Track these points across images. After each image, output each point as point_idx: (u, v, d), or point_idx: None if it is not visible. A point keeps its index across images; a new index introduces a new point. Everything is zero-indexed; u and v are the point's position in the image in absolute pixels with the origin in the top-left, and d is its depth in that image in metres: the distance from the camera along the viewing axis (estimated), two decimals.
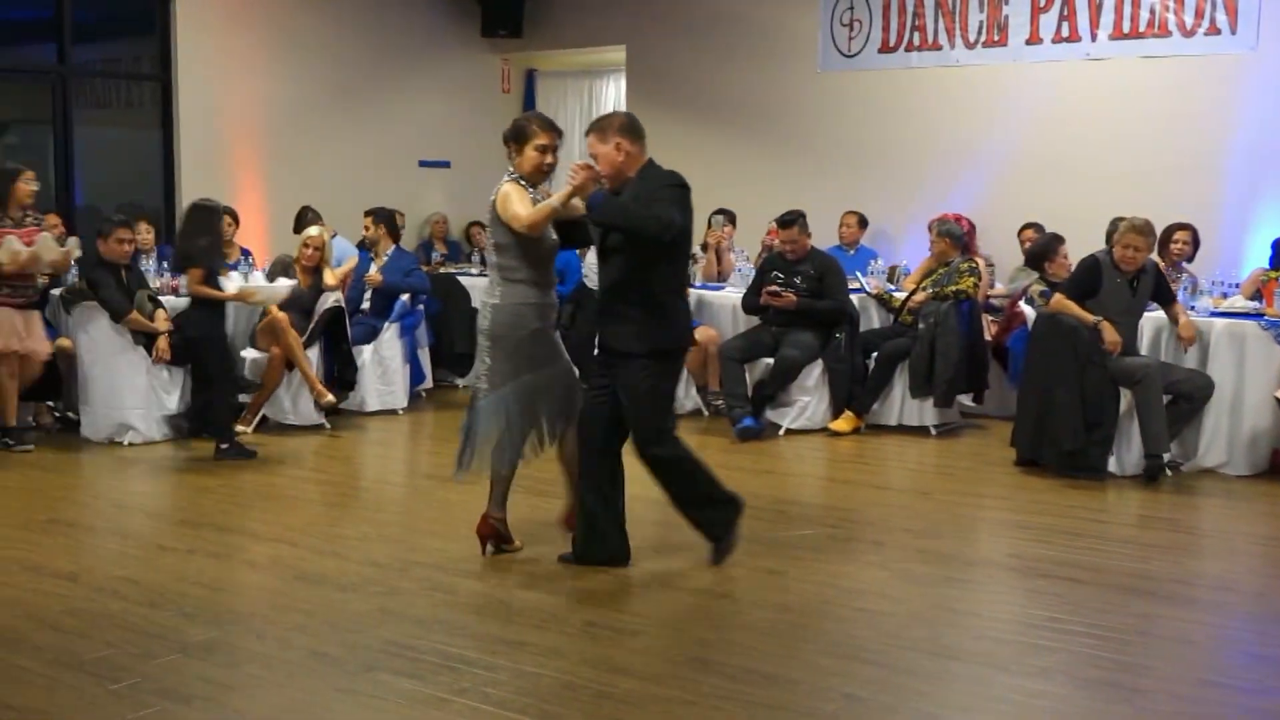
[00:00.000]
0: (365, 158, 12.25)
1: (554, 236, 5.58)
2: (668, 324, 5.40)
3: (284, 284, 8.55)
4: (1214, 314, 7.73)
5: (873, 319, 9.17)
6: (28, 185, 7.92)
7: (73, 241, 8.22)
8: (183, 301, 8.57)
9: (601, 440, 5.48)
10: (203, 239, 7.81)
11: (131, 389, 8.15)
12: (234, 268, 9.70)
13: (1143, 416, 7.22)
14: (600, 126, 5.45)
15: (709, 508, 5.58)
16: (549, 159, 5.56)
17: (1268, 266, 8.43)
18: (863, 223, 10.82)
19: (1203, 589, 5.48)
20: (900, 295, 9.08)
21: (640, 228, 5.19)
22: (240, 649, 4.59)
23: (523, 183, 5.50)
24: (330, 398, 8.55)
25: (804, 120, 11.74)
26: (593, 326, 6.69)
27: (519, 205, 5.36)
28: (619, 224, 5.27)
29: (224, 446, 7.72)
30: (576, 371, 5.75)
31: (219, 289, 7.86)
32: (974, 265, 8.88)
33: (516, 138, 5.58)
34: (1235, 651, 4.82)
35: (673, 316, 5.43)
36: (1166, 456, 7.22)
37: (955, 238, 8.89)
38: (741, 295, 9.07)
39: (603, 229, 5.38)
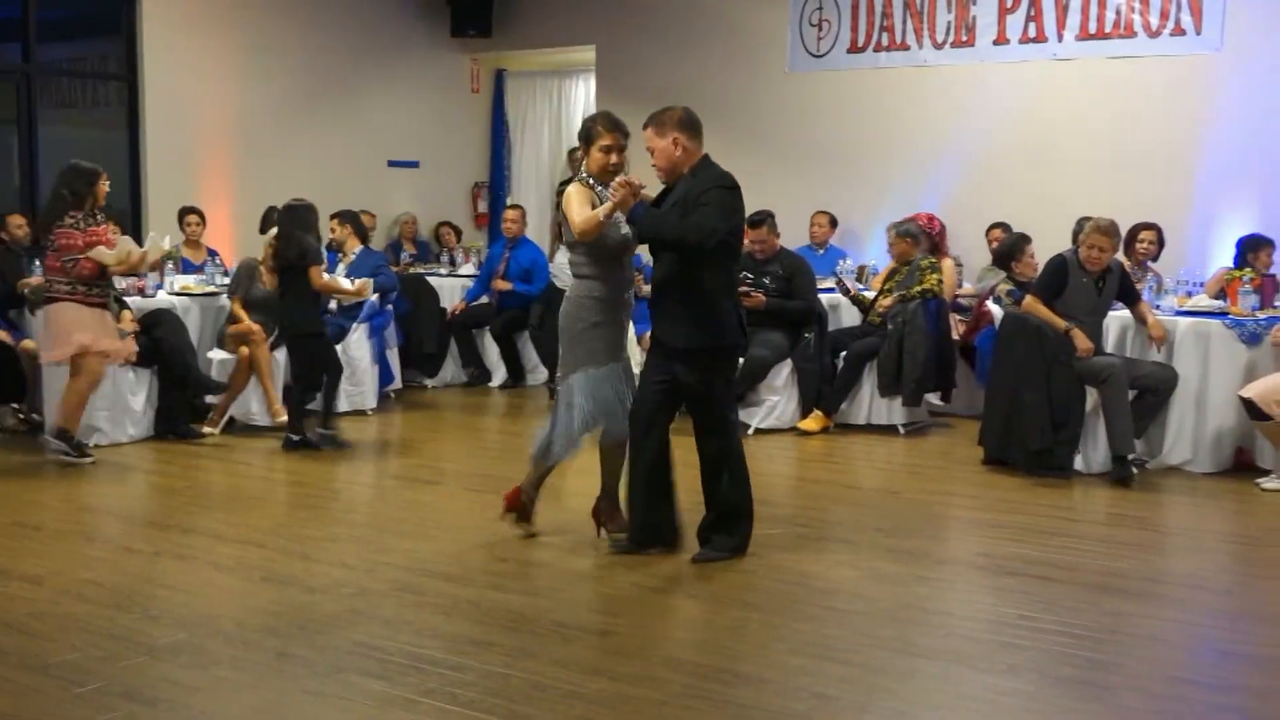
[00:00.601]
0: (334, 158, 12.18)
1: (622, 233, 5.58)
2: (717, 323, 5.47)
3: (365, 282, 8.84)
4: (1179, 313, 7.79)
5: (842, 319, 9.19)
6: (105, 186, 7.88)
7: (165, 240, 8.20)
8: (150, 303, 8.53)
9: (648, 425, 5.61)
10: (312, 235, 8.09)
11: (97, 390, 8.06)
12: (200, 268, 9.68)
13: (1109, 415, 7.27)
14: (659, 120, 5.49)
15: (742, 520, 5.70)
16: (614, 159, 5.61)
17: (1232, 265, 8.50)
18: (833, 222, 10.84)
19: (1171, 586, 5.51)
20: (871, 295, 9.10)
21: (680, 238, 5.29)
22: (207, 651, 4.55)
23: (591, 181, 5.54)
24: (284, 417, 8.51)
25: (772, 120, 11.75)
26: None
27: (576, 208, 5.44)
28: (660, 237, 5.33)
29: (296, 439, 8.07)
30: (635, 369, 5.86)
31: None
32: (934, 262, 8.91)
33: (585, 138, 5.67)
34: (1204, 648, 4.84)
35: (721, 316, 5.48)
36: (1132, 455, 7.26)
37: (913, 236, 8.89)
38: None
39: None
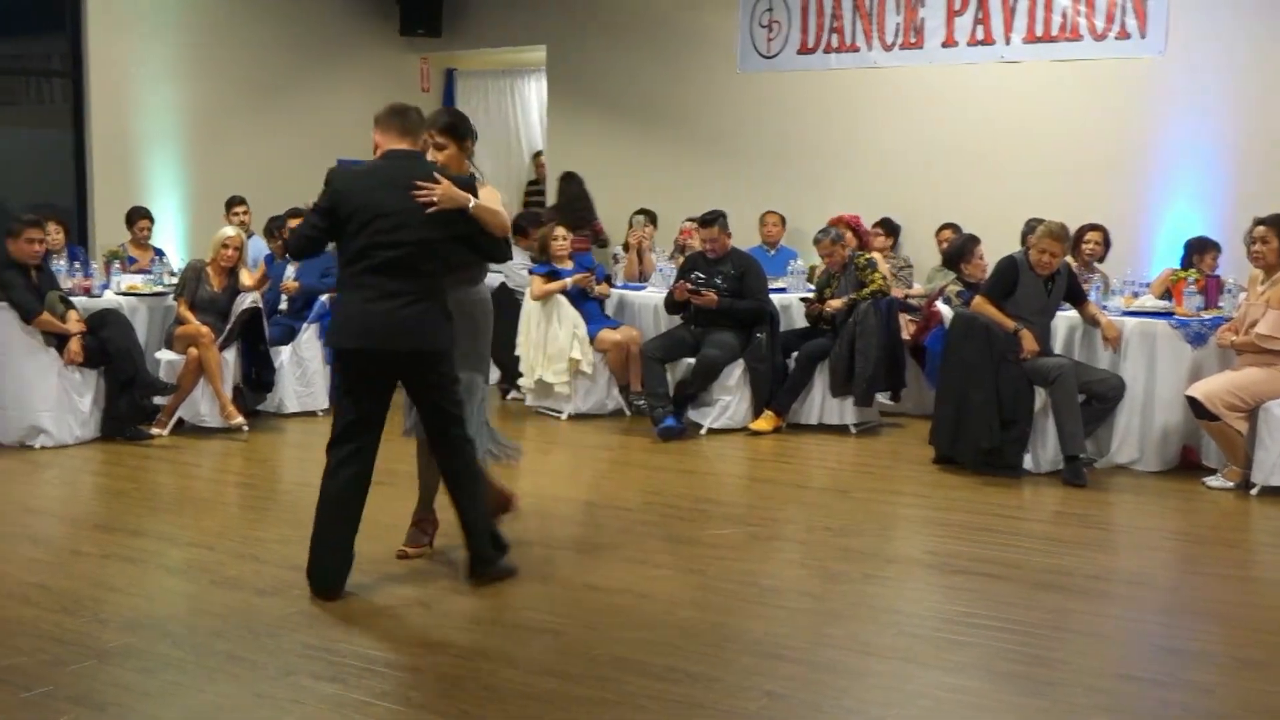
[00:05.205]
0: (282, 156, 12.09)
1: None
2: (334, 323, 5.35)
3: None
4: (1125, 313, 7.87)
5: (793, 319, 9.22)
6: None
7: None
8: (96, 303, 8.45)
9: None
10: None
11: (43, 391, 7.99)
12: (147, 272, 9.57)
13: (1059, 416, 7.34)
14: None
15: None
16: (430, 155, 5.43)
17: (1178, 266, 8.60)
18: (784, 222, 10.88)
19: (1116, 584, 5.57)
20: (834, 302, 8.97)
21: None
22: (156, 655, 4.52)
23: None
24: (239, 419, 8.47)
25: (724, 120, 11.79)
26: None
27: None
28: None
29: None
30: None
31: None
32: (870, 259, 8.94)
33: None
34: (1148, 645, 4.91)
35: (339, 316, 5.28)
36: (1082, 455, 7.33)
37: (835, 238, 8.89)
38: (663, 295, 9.11)
39: None
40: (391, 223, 5.00)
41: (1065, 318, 7.82)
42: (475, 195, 5.16)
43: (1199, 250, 8.74)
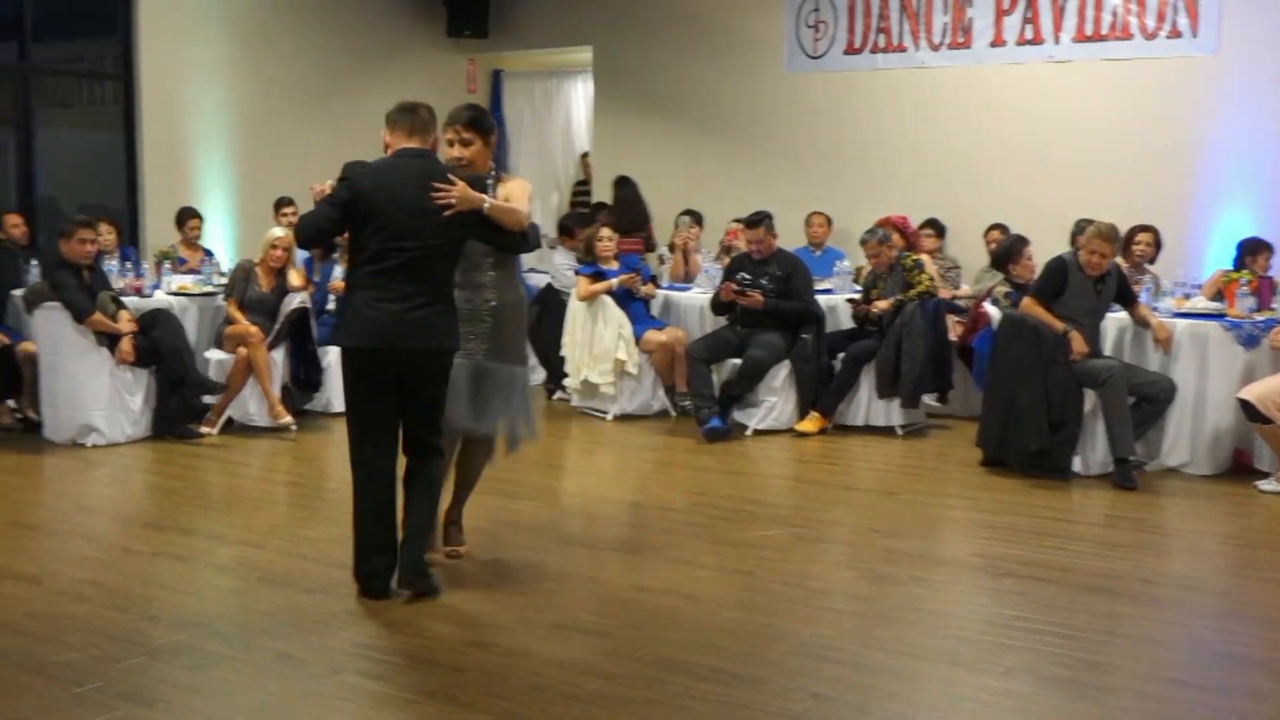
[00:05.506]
0: (331, 157, 11.94)
1: None
2: (344, 321, 5.27)
3: None
4: (1176, 315, 7.79)
5: (839, 319, 9.18)
6: None
7: None
8: (147, 303, 8.53)
9: None
10: None
11: (95, 391, 8.08)
12: (197, 272, 9.66)
13: (1109, 419, 7.27)
14: None
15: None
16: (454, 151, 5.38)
17: (1230, 267, 8.50)
18: (830, 223, 10.85)
19: (1167, 588, 5.52)
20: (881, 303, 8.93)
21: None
22: (205, 652, 4.56)
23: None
24: (287, 419, 8.54)
25: (770, 121, 11.77)
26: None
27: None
28: None
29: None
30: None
31: None
32: (918, 260, 8.90)
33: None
34: (1199, 650, 4.85)
35: (348, 314, 5.17)
36: (1132, 458, 7.26)
37: (881, 239, 8.85)
38: (709, 296, 9.10)
39: None
40: (408, 225, 4.97)
41: (1115, 319, 7.75)
42: (491, 193, 5.15)
43: (1251, 251, 8.64)
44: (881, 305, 8.68)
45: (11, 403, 8.61)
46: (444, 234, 5.01)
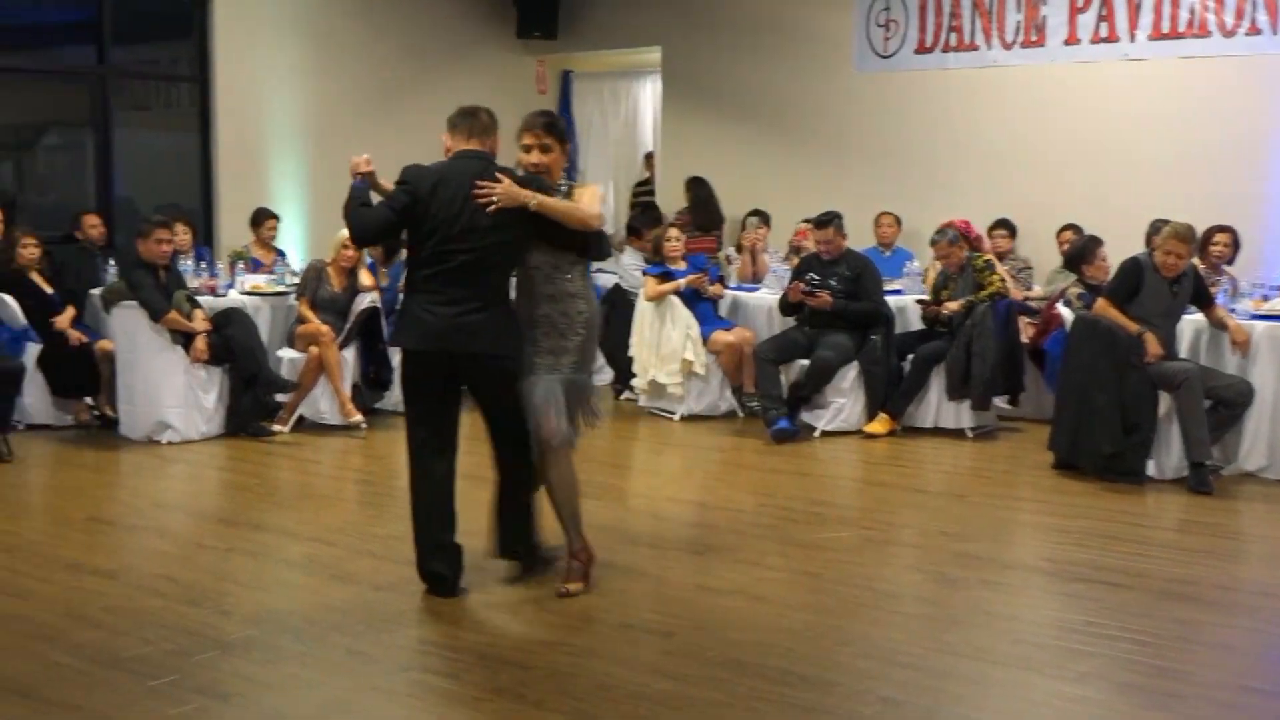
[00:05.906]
0: (402, 158, 12.05)
1: None
2: (402, 323, 5.34)
3: None
4: (1255, 317, 7.66)
5: (909, 320, 9.12)
6: None
7: None
8: (221, 302, 8.65)
9: None
10: None
11: (170, 388, 8.20)
12: (270, 272, 9.77)
13: (1184, 423, 7.16)
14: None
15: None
16: (532, 157, 5.31)
17: None
18: (900, 223, 10.77)
19: (1244, 594, 5.43)
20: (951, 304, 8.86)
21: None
22: (278, 647, 4.61)
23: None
24: (358, 417, 8.62)
25: (839, 121, 11.71)
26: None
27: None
28: None
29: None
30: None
31: None
32: (989, 261, 8.81)
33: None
34: (1277, 657, 4.77)
35: (406, 317, 5.29)
36: (1209, 462, 7.15)
37: (952, 239, 8.76)
38: (777, 296, 9.07)
39: None
40: (460, 227, 4.99)
41: (1191, 321, 7.63)
42: (545, 192, 5.09)
43: None
44: (952, 306, 8.60)
45: (89, 400, 8.76)
46: (494, 235, 5.01)
